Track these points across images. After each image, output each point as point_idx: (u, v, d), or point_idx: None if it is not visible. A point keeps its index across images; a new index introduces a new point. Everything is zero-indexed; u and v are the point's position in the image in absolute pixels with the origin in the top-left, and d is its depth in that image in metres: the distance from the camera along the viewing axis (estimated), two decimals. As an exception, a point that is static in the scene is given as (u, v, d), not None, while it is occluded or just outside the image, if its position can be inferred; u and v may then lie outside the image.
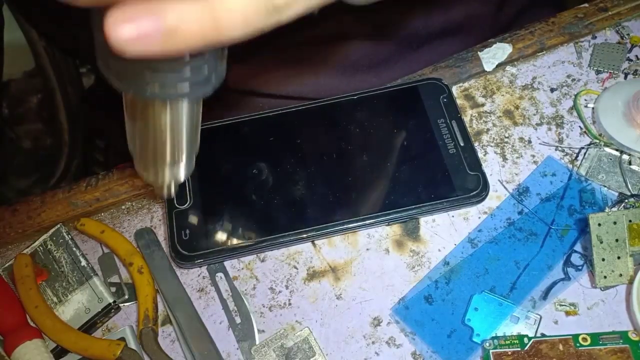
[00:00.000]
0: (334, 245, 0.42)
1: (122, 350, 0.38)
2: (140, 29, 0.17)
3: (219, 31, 0.18)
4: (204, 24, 0.18)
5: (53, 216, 0.45)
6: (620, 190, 0.41)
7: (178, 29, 0.17)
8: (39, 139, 0.79)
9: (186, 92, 0.21)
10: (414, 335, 0.38)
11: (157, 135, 0.25)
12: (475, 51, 0.48)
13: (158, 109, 0.24)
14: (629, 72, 0.46)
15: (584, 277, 0.39)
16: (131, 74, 0.20)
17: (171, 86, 0.21)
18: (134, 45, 0.17)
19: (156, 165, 0.28)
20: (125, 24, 0.17)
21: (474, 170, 0.42)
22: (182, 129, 0.25)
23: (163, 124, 0.24)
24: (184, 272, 0.42)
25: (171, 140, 0.26)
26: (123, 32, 0.17)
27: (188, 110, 0.25)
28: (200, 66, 0.21)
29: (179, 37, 0.18)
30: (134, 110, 0.25)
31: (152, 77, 0.20)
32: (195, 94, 0.22)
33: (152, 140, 0.26)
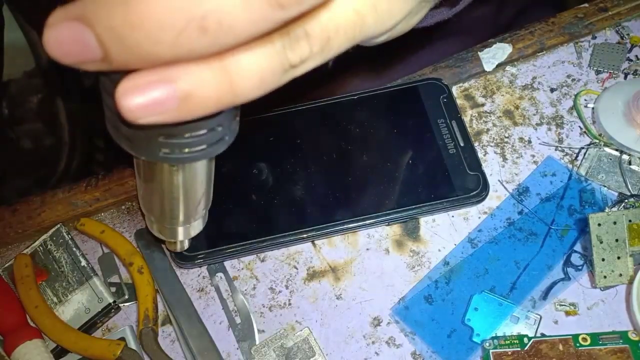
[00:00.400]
0: (334, 245, 0.42)
1: (122, 350, 0.38)
2: (153, 97, 0.16)
3: (235, 93, 0.18)
4: (220, 88, 0.17)
5: (53, 216, 0.45)
6: (620, 190, 0.41)
7: (193, 95, 0.17)
8: (39, 139, 0.79)
9: (200, 153, 0.20)
10: (414, 335, 0.38)
11: (171, 196, 0.24)
12: (475, 51, 0.48)
13: (171, 171, 0.23)
14: (629, 72, 0.46)
15: (584, 277, 0.39)
16: (144, 139, 0.20)
17: (185, 149, 0.20)
18: (147, 114, 0.17)
19: (169, 225, 0.27)
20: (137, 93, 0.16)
21: (474, 170, 0.42)
22: (196, 189, 0.25)
23: (176, 185, 0.24)
24: (184, 272, 0.42)
25: (184, 200, 0.25)
26: (135, 101, 0.16)
27: (202, 170, 0.24)
28: (214, 127, 0.20)
29: (194, 102, 0.17)
30: (146, 172, 0.24)
31: (165, 141, 0.19)
32: (210, 154, 0.21)
33: (166, 201, 0.25)
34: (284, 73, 0.19)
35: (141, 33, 0.15)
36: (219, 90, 0.17)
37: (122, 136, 0.20)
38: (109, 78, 0.18)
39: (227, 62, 0.17)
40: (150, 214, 0.27)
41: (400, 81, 0.48)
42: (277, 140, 0.45)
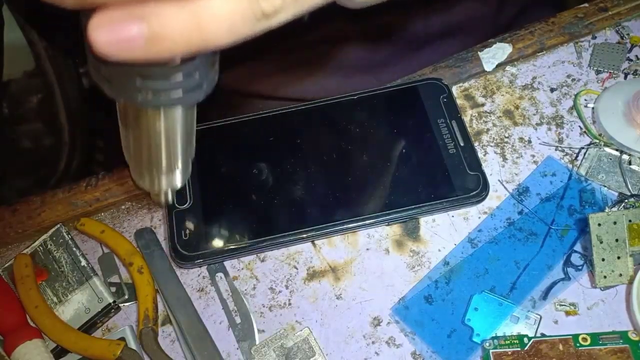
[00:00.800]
0: (334, 245, 0.42)
1: (122, 350, 0.38)
2: (122, 34, 0.17)
3: (204, 37, 0.18)
4: (188, 30, 0.17)
5: (53, 216, 0.45)
6: (620, 190, 0.41)
7: (161, 35, 0.17)
8: (39, 139, 0.79)
9: (178, 98, 0.21)
10: (414, 335, 0.38)
11: (152, 142, 0.25)
12: (475, 51, 0.48)
13: (151, 116, 0.23)
14: (629, 72, 0.46)
15: (584, 277, 0.39)
16: (122, 81, 0.20)
17: (162, 93, 0.20)
18: (116, 50, 0.17)
19: (152, 173, 0.27)
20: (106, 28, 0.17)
21: (474, 170, 0.42)
22: (177, 136, 0.25)
23: (157, 132, 0.24)
24: (184, 272, 0.42)
25: (166, 147, 0.25)
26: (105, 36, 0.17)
27: (181, 116, 0.24)
28: (190, 72, 0.20)
29: (163, 42, 0.17)
30: (127, 118, 0.25)
31: (142, 84, 0.20)
32: (188, 100, 0.21)
33: (146, 148, 0.25)
34: (256, 21, 0.18)
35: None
36: (188, 32, 0.17)
37: (102, 77, 0.21)
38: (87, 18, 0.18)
39: (197, 4, 0.17)
40: (133, 162, 0.28)
41: (400, 81, 0.48)
42: (277, 140, 0.45)
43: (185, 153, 0.27)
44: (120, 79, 0.20)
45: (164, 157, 0.26)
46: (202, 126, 0.45)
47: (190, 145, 0.27)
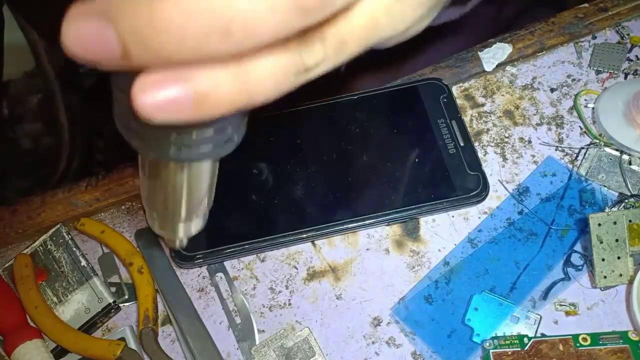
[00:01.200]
0: (334, 245, 0.42)
1: (122, 350, 0.38)
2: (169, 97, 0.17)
3: (250, 96, 0.18)
4: (235, 90, 0.17)
5: (53, 216, 0.45)
6: (620, 190, 0.41)
7: (209, 96, 0.17)
8: (39, 139, 0.79)
9: (208, 153, 0.21)
10: (414, 335, 0.38)
11: (174, 194, 0.25)
12: (475, 51, 0.48)
13: (177, 169, 0.23)
14: (629, 72, 0.46)
15: (584, 277, 0.39)
16: (155, 137, 0.20)
17: (194, 148, 0.20)
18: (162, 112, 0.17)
19: (171, 221, 0.27)
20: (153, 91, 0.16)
21: (474, 170, 0.42)
22: (201, 188, 0.25)
23: (180, 184, 0.24)
24: (184, 272, 0.42)
25: (188, 199, 0.25)
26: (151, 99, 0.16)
27: (207, 170, 0.24)
28: (224, 127, 0.20)
29: (210, 103, 0.17)
30: (151, 170, 0.24)
31: (176, 140, 0.20)
32: (219, 154, 0.21)
33: (168, 198, 0.25)
34: (297, 76, 0.19)
35: (165, 35, 0.15)
36: (235, 93, 0.17)
37: (133, 134, 0.20)
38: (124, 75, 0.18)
39: (245, 65, 0.17)
40: (152, 210, 0.28)
41: (400, 81, 0.48)
42: (277, 140, 0.45)
43: (206, 203, 0.27)
44: (153, 135, 0.20)
45: (185, 208, 0.26)
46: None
47: (211, 195, 0.27)
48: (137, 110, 0.17)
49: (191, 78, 0.17)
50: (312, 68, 0.19)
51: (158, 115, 0.17)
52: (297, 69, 0.18)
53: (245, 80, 0.17)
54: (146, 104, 0.17)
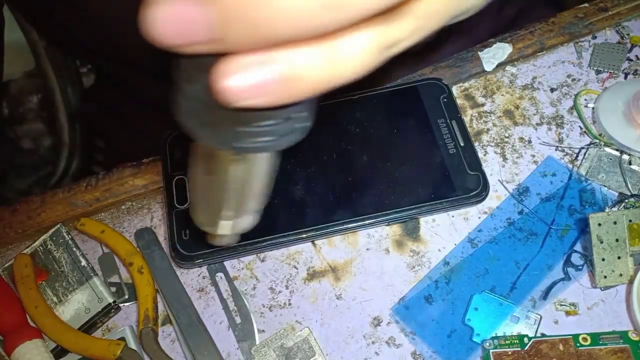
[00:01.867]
0: (334, 245, 0.42)
1: (122, 350, 0.38)
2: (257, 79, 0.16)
3: (337, 75, 0.17)
4: (323, 70, 0.17)
5: (53, 216, 0.45)
6: (620, 190, 0.41)
7: (297, 77, 0.16)
8: (39, 139, 0.79)
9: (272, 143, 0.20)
10: (414, 335, 0.38)
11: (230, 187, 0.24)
12: (475, 51, 0.48)
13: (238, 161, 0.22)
14: (629, 72, 0.46)
15: (584, 277, 0.39)
16: (221, 126, 0.19)
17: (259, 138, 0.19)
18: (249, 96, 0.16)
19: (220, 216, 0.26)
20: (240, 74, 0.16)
21: (474, 170, 0.42)
22: (258, 182, 0.24)
23: (239, 177, 0.23)
24: (184, 272, 0.42)
25: (243, 193, 0.24)
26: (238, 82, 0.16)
27: (267, 162, 0.23)
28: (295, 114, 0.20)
29: (298, 84, 0.17)
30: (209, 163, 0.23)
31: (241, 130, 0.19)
32: (281, 145, 0.20)
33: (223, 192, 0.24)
34: (383, 52, 0.18)
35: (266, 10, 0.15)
36: (323, 72, 0.17)
37: (199, 124, 0.20)
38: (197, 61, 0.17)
39: (335, 42, 0.17)
40: (200, 206, 0.27)
41: (400, 81, 0.48)
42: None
43: (260, 198, 0.26)
44: (221, 125, 0.19)
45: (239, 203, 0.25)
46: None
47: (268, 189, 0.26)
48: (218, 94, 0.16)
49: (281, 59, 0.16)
50: (397, 43, 0.18)
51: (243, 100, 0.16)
52: (385, 45, 0.18)
53: (334, 59, 0.17)
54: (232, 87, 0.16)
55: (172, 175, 0.43)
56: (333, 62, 0.17)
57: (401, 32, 0.18)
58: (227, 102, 0.16)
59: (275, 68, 0.16)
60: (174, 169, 0.43)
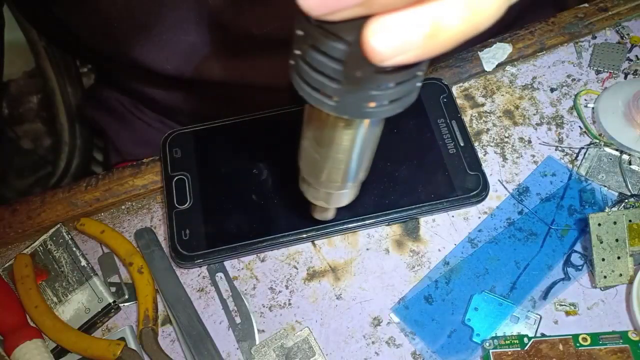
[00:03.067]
0: (334, 245, 0.42)
1: (122, 350, 0.38)
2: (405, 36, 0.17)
3: (476, 24, 0.18)
4: (465, 20, 0.17)
5: (53, 216, 0.45)
6: (620, 190, 0.41)
7: (441, 29, 0.17)
8: (39, 139, 0.79)
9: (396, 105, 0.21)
10: (414, 335, 0.38)
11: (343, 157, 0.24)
12: (475, 51, 0.48)
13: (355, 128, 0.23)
14: (629, 72, 0.46)
15: (584, 277, 0.39)
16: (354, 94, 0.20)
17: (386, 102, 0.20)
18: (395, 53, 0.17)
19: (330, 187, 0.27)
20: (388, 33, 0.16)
21: (474, 170, 0.42)
22: (370, 150, 0.25)
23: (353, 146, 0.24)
24: (184, 272, 0.42)
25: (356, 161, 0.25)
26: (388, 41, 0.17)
27: (379, 130, 0.24)
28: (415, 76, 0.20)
29: (442, 37, 0.17)
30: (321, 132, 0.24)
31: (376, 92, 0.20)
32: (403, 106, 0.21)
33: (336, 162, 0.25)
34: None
35: None
36: (465, 22, 0.17)
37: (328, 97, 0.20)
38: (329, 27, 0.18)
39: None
40: (311, 177, 0.27)
41: (400, 81, 0.48)
42: (277, 140, 0.45)
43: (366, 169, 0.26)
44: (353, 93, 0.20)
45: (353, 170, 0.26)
46: (201, 126, 0.45)
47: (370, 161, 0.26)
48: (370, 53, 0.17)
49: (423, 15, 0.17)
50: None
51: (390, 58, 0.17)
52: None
53: (473, 7, 0.17)
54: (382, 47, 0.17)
55: (172, 175, 0.43)
56: (472, 10, 0.17)
57: None
58: (378, 60, 0.17)
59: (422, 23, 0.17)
60: (174, 169, 0.43)
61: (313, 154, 0.25)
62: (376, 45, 0.17)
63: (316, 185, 0.28)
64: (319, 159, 0.25)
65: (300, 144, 0.26)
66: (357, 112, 0.20)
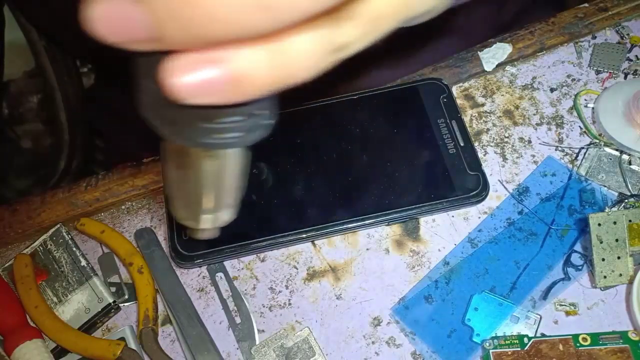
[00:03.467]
0: (334, 245, 0.42)
1: (122, 350, 0.38)
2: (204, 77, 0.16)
3: (287, 76, 0.17)
4: (272, 70, 0.17)
5: (53, 216, 0.45)
6: (620, 190, 0.41)
7: (246, 77, 0.17)
8: (39, 139, 0.79)
9: (239, 139, 0.20)
10: (414, 335, 0.38)
11: (204, 183, 0.24)
12: (475, 51, 0.48)
13: (207, 157, 0.22)
14: (629, 72, 0.46)
15: (584, 277, 0.39)
16: (184, 123, 0.19)
17: (224, 135, 0.20)
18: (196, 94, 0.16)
19: (198, 212, 0.26)
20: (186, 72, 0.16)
21: (474, 170, 0.42)
22: (231, 176, 0.24)
23: (210, 172, 0.23)
24: (184, 272, 0.42)
25: (217, 187, 0.24)
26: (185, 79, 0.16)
27: (238, 156, 0.23)
28: (255, 112, 0.20)
29: (247, 84, 0.17)
30: (179, 158, 0.23)
31: (207, 125, 0.19)
32: (248, 140, 0.21)
33: (197, 188, 0.24)
34: (334, 54, 0.18)
35: (199, 10, 0.15)
36: (271, 73, 0.17)
37: (161, 120, 0.20)
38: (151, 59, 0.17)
39: (282, 43, 0.17)
40: (178, 201, 0.27)
41: (400, 81, 0.48)
42: (277, 140, 0.45)
43: (236, 192, 0.26)
44: (183, 121, 0.19)
45: (214, 197, 0.25)
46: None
47: (241, 184, 0.26)
48: (168, 92, 0.16)
49: (227, 58, 0.16)
50: (347, 46, 0.19)
51: (191, 97, 0.16)
52: (333, 47, 0.18)
53: (282, 60, 0.17)
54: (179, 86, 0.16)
55: (172, 175, 0.43)
56: (280, 62, 0.17)
57: (350, 35, 0.18)
58: (176, 99, 0.17)
59: (221, 67, 0.16)
60: (173, 169, 0.43)
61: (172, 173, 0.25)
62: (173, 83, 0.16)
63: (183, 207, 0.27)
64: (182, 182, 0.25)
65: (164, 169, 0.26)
66: (192, 141, 0.20)
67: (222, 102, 0.17)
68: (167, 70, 0.16)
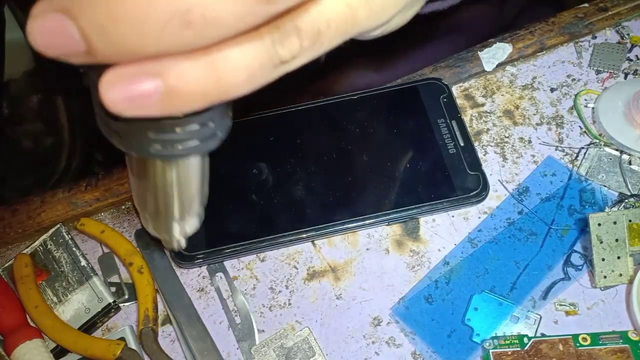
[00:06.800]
0: (334, 245, 0.42)
1: (122, 350, 0.38)
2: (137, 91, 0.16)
3: (222, 89, 0.17)
4: (206, 83, 0.17)
5: (53, 216, 0.45)
6: (620, 190, 0.41)
7: (178, 89, 0.17)
8: (39, 139, 0.79)
9: (193, 148, 0.20)
10: (414, 335, 0.38)
11: (164, 193, 0.24)
12: (475, 51, 0.48)
13: (164, 167, 0.22)
14: (629, 72, 0.46)
15: (584, 277, 0.39)
16: (134, 135, 0.19)
17: (176, 144, 0.20)
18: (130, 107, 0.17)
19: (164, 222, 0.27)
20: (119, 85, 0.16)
21: (474, 170, 0.42)
22: (191, 185, 0.24)
23: (169, 182, 0.23)
24: (184, 272, 0.42)
25: (179, 197, 0.25)
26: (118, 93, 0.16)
27: (196, 165, 0.23)
28: (205, 121, 0.20)
29: (180, 97, 0.17)
30: (139, 169, 0.24)
31: (155, 137, 0.19)
32: (202, 149, 0.21)
33: (159, 198, 0.24)
34: (273, 68, 0.18)
35: (124, 26, 0.15)
36: (205, 86, 0.17)
37: (112, 131, 0.20)
38: (96, 71, 0.17)
39: (214, 57, 0.17)
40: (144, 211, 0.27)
41: (400, 81, 0.48)
42: (277, 140, 0.45)
43: (199, 200, 0.26)
44: (132, 132, 0.19)
45: (177, 207, 0.25)
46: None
47: (203, 191, 0.26)
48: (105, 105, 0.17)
49: (158, 72, 0.16)
50: (289, 60, 0.18)
51: (126, 111, 0.17)
52: (272, 61, 0.18)
53: (216, 73, 0.17)
54: (113, 99, 0.16)
55: (172, 175, 0.43)
56: (214, 75, 0.17)
57: (291, 50, 0.18)
58: (112, 112, 0.17)
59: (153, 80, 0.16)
60: (174, 169, 0.43)
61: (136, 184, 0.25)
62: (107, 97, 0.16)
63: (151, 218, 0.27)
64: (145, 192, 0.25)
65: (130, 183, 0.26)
66: (144, 152, 0.20)
67: (159, 114, 0.17)
68: (101, 84, 0.16)
